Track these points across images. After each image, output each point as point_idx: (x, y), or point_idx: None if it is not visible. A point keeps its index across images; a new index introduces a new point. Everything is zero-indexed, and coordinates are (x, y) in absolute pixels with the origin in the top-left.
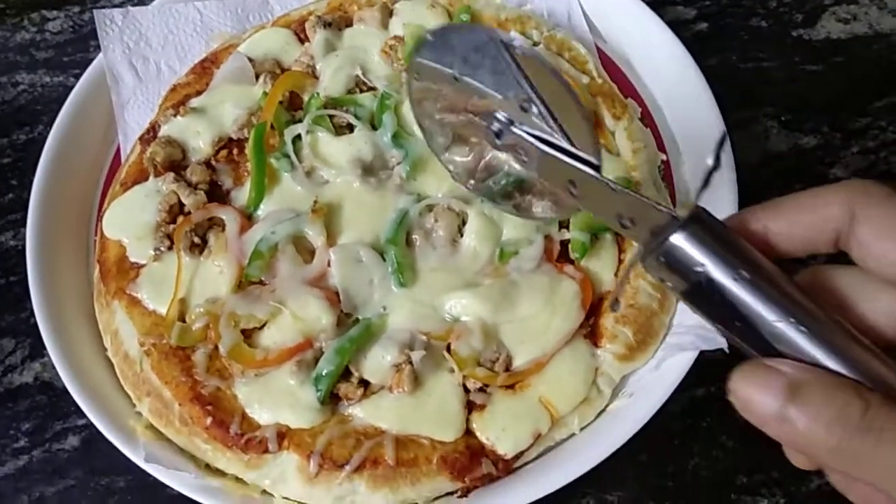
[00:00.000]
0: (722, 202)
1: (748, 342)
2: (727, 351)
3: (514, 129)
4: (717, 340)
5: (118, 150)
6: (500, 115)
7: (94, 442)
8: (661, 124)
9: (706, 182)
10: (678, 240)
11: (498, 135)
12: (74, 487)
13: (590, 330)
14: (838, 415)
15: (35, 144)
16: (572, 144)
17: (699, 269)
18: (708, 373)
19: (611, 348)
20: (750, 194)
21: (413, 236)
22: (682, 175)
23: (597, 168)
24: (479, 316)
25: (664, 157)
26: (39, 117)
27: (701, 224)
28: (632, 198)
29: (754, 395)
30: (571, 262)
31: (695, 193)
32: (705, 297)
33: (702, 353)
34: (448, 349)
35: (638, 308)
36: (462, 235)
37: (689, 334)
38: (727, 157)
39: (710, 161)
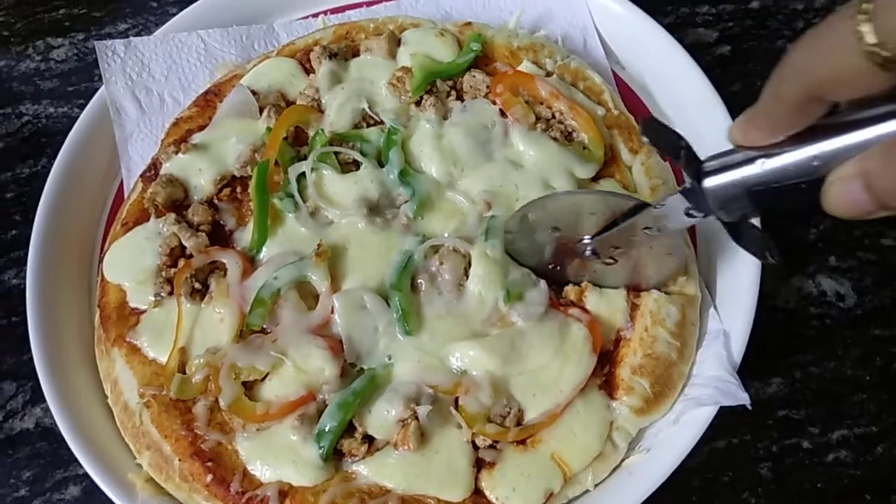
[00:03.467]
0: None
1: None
2: (749, 407)
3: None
4: (738, 395)
5: (121, 185)
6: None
7: (95, 493)
8: None
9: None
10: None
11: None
12: None
13: (604, 380)
14: None
15: (39, 179)
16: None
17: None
18: (729, 423)
19: (627, 401)
20: (776, 230)
21: (418, 280)
22: None
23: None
24: (487, 369)
25: None
26: (43, 150)
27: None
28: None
29: (851, 197)
30: (574, 304)
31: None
32: (760, 192)
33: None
34: (456, 404)
35: (656, 358)
36: (467, 278)
37: (708, 387)
38: None
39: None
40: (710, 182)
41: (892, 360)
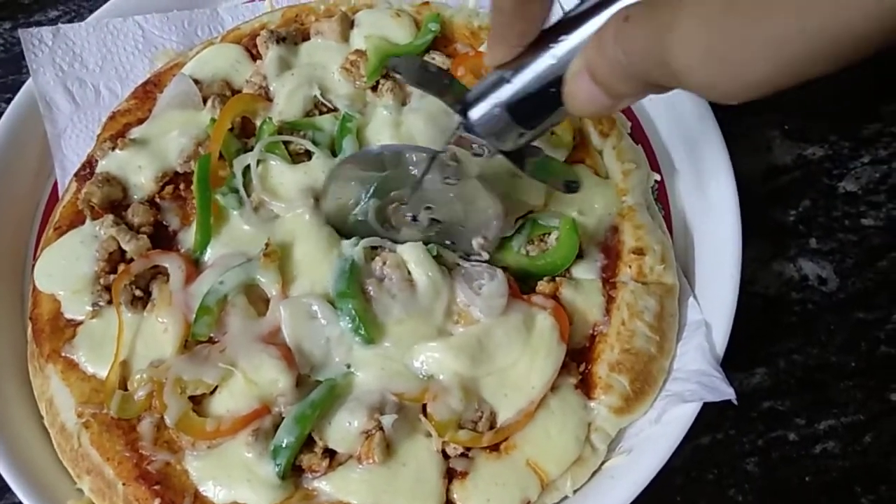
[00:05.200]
0: (722, 225)
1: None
2: (735, 402)
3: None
4: (723, 390)
5: (55, 186)
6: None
7: None
8: (654, 138)
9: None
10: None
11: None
12: None
13: (581, 379)
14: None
15: None
16: None
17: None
18: (713, 418)
19: (605, 400)
20: (754, 213)
21: (367, 287)
22: (679, 193)
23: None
24: (455, 371)
25: (658, 177)
26: None
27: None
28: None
29: (586, 94)
30: (535, 290)
31: None
32: (521, 110)
33: None
34: (424, 412)
35: (634, 353)
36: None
37: (690, 381)
38: (726, 174)
39: None
40: (474, 112)
41: (877, 344)
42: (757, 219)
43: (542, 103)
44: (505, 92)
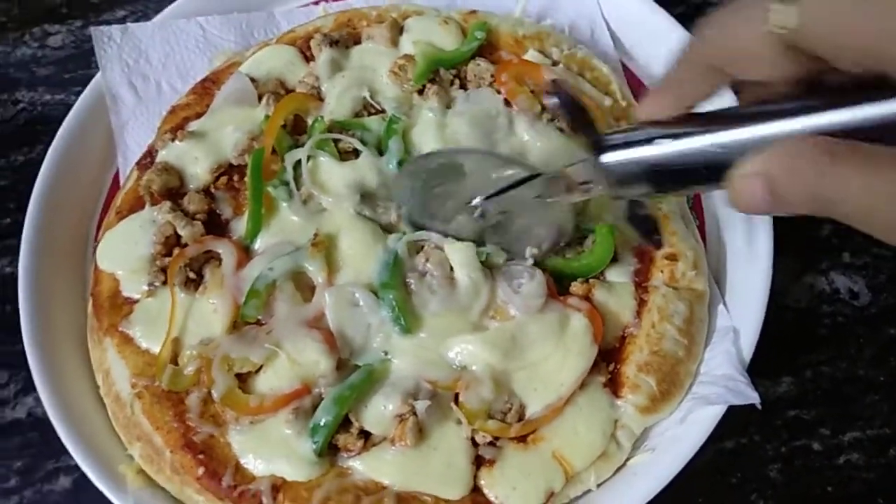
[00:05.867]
0: (755, 236)
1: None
2: (759, 406)
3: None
4: (748, 394)
5: (117, 174)
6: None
7: (86, 484)
8: None
9: None
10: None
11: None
12: None
13: (610, 378)
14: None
15: (33, 166)
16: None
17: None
18: (737, 423)
19: (632, 399)
20: (788, 225)
21: (408, 280)
22: (714, 204)
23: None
24: (488, 363)
25: None
26: (39, 137)
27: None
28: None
29: (752, 192)
30: (568, 290)
31: None
32: (660, 173)
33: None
34: (456, 400)
35: (662, 355)
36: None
37: (716, 385)
38: None
39: None
40: (608, 157)
41: None
42: (791, 231)
43: (683, 177)
44: (650, 153)
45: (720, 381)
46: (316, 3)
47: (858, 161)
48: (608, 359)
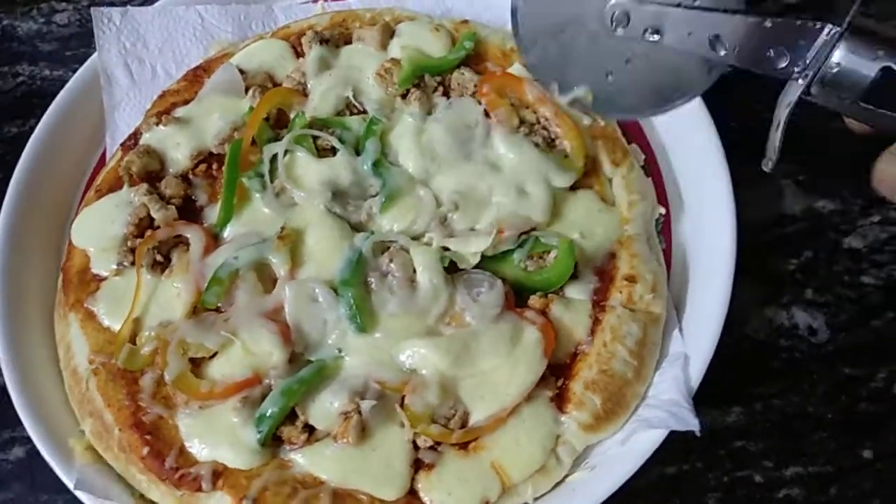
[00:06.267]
0: (717, 264)
1: None
2: (698, 433)
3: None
4: (689, 421)
5: (104, 153)
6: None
7: (40, 455)
8: (667, 172)
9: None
10: (844, 55)
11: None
12: (12, 502)
13: (557, 394)
14: None
15: (25, 139)
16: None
17: (870, 69)
18: (681, 450)
19: (576, 415)
20: (756, 256)
21: (369, 279)
22: (682, 229)
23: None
24: (437, 369)
25: (663, 211)
26: (34, 111)
27: (861, 31)
28: (784, 22)
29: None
30: (527, 303)
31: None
32: (884, 95)
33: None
34: (402, 402)
35: (610, 375)
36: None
37: (661, 409)
38: (728, 216)
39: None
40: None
41: (858, 401)
42: (758, 262)
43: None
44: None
45: (665, 405)
46: (315, 1)
47: None
48: (558, 374)
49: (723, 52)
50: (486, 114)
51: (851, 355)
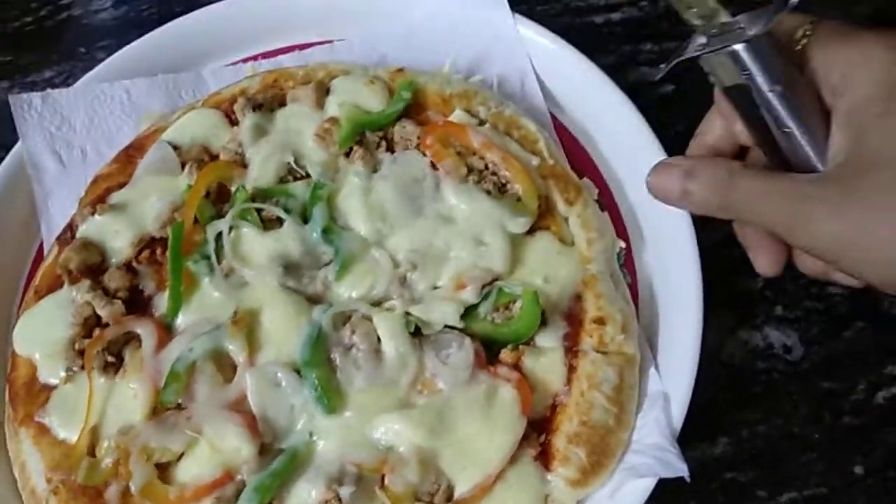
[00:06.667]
0: (684, 294)
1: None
2: (688, 479)
3: None
4: (676, 466)
5: (42, 246)
6: None
7: None
8: (623, 203)
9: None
10: (741, 49)
11: None
12: None
13: (541, 451)
14: (716, 181)
15: None
16: None
17: (744, 75)
18: (673, 490)
19: (563, 472)
20: (722, 279)
21: (332, 356)
22: (645, 261)
23: None
24: (414, 443)
25: (622, 245)
26: None
27: (760, 44)
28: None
29: (664, 184)
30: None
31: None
32: (743, 98)
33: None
34: (382, 482)
35: (591, 426)
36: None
37: (647, 455)
38: (689, 241)
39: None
40: None
41: (841, 416)
42: (724, 285)
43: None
44: None
45: (650, 450)
46: (245, 61)
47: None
48: (539, 429)
49: None
50: (434, 165)
51: (828, 369)
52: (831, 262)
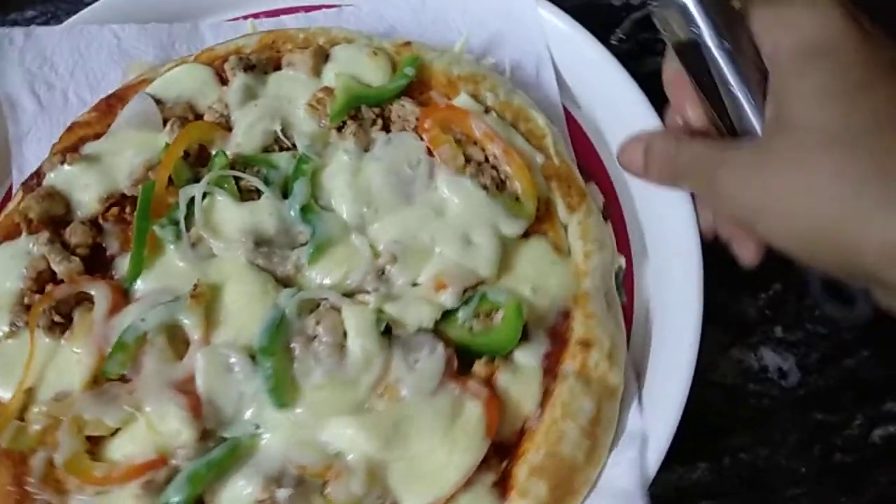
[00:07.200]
0: (681, 328)
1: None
2: None
3: None
4: None
5: (10, 189)
6: None
7: None
8: (630, 215)
9: None
10: (690, 3)
11: None
12: None
13: (500, 478)
14: (666, 153)
15: None
16: None
17: (694, 31)
18: None
19: None
20: (723, 292)
21: (292, 345)
22: (645, 283)
23: None
24: (364, 453)
25: (622, 263)
26: None
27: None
28: None
29: (629, 156)
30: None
31: None
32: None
33: None
34: (323, 489)
35: (559, 459)
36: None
37: (615, 500)
38: (695, 268)
39: None
40: None
41: (832, 451)
42: (724, 298)
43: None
44: None
45: (618, 496)
46: (246, 18)
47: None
48: (502, 454)
49: None
50: (430, 151)
51: (824, 399)
52: (751, 228)
